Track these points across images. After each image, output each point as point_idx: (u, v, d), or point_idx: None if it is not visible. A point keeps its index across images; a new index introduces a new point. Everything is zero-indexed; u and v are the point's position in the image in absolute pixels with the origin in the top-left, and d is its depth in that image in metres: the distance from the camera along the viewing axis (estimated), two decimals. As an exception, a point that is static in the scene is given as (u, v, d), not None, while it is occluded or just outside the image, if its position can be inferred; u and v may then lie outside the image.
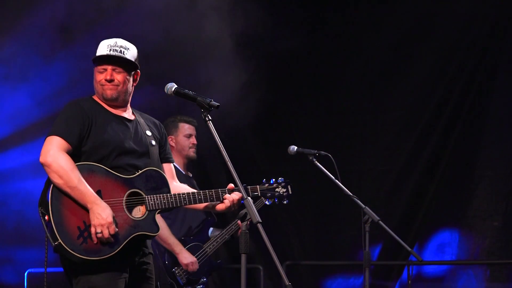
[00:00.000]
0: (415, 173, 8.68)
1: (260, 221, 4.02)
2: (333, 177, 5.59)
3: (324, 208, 8.74)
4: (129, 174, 4.50)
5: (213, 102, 4.30)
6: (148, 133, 4.71)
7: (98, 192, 4.37)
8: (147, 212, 4.48)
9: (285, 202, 4.97)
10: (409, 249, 5.47)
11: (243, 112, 8.87)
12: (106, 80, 4.60)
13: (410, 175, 8.69)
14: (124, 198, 4.44)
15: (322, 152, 5.75)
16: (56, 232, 4.26)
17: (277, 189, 4.92)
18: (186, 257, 6.28)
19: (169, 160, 4.83)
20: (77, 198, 4.32)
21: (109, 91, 4.61)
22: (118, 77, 4.61)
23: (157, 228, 4.51)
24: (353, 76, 8.75)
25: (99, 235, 4.30)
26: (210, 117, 4.29)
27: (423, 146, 8.65)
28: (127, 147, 4.54)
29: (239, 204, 4.56)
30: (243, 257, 4.03)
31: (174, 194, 4.55)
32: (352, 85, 8.76)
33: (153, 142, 4.70)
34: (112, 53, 4.61)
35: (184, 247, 6.33)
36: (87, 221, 4.31)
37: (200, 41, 8.24)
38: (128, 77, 4.65)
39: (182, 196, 4.55)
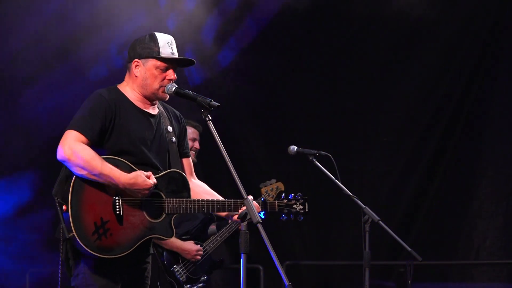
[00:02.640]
0: (416, 174, 8.68)
1: (260, 221, 4.03)
2: (333, 177, 5.59)
3: (325, 208, 8.74)
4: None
5: (213, 102, 4.29)
6: (169, 129, 4.64)
7: (119, 189, 4.32)
8: (164, 215, 4.45)
9: (300, 219, 4.91)
10: (409, 249, 5.46)
11: (244, 112, 8.90)
12: (171, 80, 4.52)
13: (411, 175, 8.69)
14: (144, 199, 4.40)
15: (322, 152, 5.74)
16: (72, 225, 4.22)
17: (294, 206, 4.86)
18: (187, 253, 6.27)
19: (187, 155, 4.78)
20: (106, 182, 4.28)
21: (165, 94, 4.54)
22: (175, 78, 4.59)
23: (172, 232, 4.48)
24: (354, 77, 8.75)
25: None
26: (210, 117, 4.29)
27: (424, 147, 8.66)
28: (149, 144, 4.49)
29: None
30: (243, 257, 4.04)
31: (194, 200, 4.51)
32: (353, 85, 8.76)
33: (173, 139, 4.64)
34: (175, 51, 4.55)
35: None
36: (105, 217, 4.29)
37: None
38: None
39: (201, 203, 4.51)
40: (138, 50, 4.53)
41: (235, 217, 4.56)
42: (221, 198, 4.68)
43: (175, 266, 6.27)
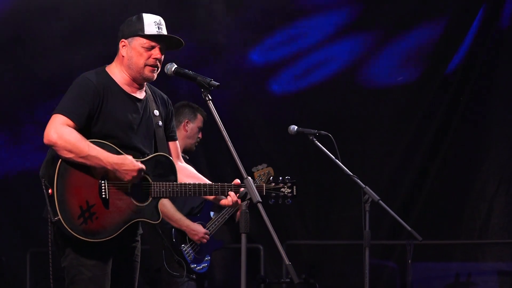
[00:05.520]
0: (417, 154, 8.68)
1: (260, 200, 4.01)
2: (333, 157, 5.58)
3: (325, 187, 8.74)
4: (134, 156, 4.41)
5: (213, 82, 4.27)
6: (156, 112, 4.60)
7: (105, 173, 4.32)
8: (150, 198, 4.43)
9: (288, 202, 4.87)
10: (409, 228, 5.47)
11: (245, 93, 8.88)
12: (157, 59, 4.46)
13: (413, 156, 8.69)
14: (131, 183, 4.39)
15: (323, 132, 5.74)
16: (57, 208, 4.21)
17: (282, 189, 4.80)
18: (195, 234, 6.27)
19: (174, 138, 4.74)
20: (94, 164, 4.26)
21: (151, 74, 4.49)
22: (162, 57, 4.50)
23: (158, 217, 4.46)
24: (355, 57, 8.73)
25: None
26: (210, 97, 4.27)
27: (426, 127, 8.64)
28: (136, 128, 4.47)
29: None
30: (243, 237, 4.03)
31: (180, 184, 4.48)
32: (353, 65, 8.74)
33: (160, 123, 4.61)
34: (164, 32, 4.48)
35: None
36: (90, 201, 4.28)
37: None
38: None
39: (188, 187, 4.48)
40: (124, 30, 4.50)
41: (223, 201, 4.53)
42: (207, 181, 4.65)
43: (183, 245, 6.27)
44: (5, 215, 8.42)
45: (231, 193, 4.47)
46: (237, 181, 4.49)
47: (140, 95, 4.57)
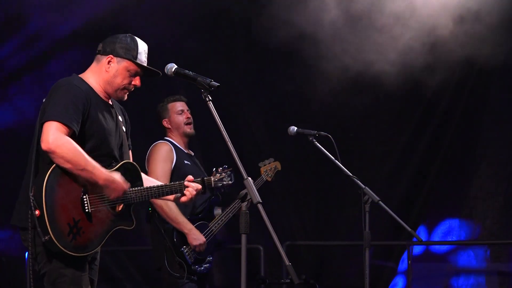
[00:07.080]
0: (416, 154, 8.68)
1: (261, 201, 4.01)
2: (333, 158, 5.59)
3: (325, 188, 8.75)
4: (106, 164, 4.53)
5: (213, 82, 4.27)
6: (121, 118, 4.77)
7: (85, 187, 4.42)
8: (124, 206, 4.59)
9: (228, 190, 4.99)
10: (409, 229, 5.47)
11: (244, 92, 8.89)
12: (135, 86, 4.67)
13: (411, 156, 8.69)
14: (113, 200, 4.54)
15: (322, 132, 5.75)
16: (49, 228, 4.29)
17: (224, 180, 4.92)
18: (195, 238, 6.26)
19: (130, 147, 4.89)
20: (87, 178, 4.38)
21: (125, 96, 4.69)
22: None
23: (132, 222, 4.66)
24: (353, 56, 8.73)
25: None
26: (210, 97, 4.28)
27: (424, 127, 8.65)
28: (113, 135, 4.61)
29: (199, 195, 4.77)
30: (243, 237, 4.04)
31: (146, 188, 4.65)
32: (352, 65, 8.74)
33: (124, 129, 4.78)
34: (145, 59, 4.68)
35: None
36: (76, 217, 4.38)
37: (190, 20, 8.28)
38: None
39: (152, 190, 4.67)
40: (116, 48, 4.63)
41: (183, 198, 4.74)
42: (160, 183, 4.85)
43: (184, 246, 6.26)
44: (5, 214, 8.42)
45: (188, 188, 4.71)
46: (190, 177, 4.77)
47: (110, 102, 4.74)
